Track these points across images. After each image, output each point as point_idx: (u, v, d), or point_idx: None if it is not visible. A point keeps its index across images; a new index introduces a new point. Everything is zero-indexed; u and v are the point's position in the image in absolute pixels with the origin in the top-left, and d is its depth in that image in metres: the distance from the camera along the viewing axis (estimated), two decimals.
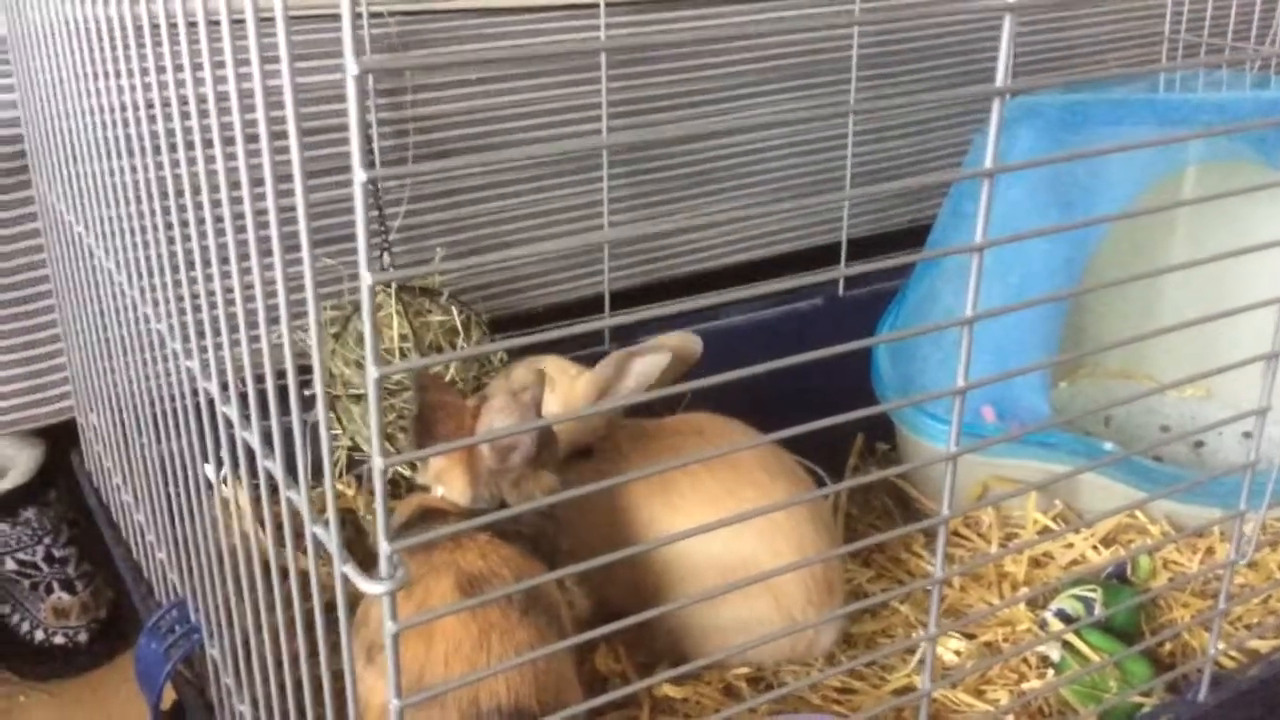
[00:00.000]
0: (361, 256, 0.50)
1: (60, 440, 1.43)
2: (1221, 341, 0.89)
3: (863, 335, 0.72)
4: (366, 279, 0.49)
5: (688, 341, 1.22)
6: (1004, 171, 0.64)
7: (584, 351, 1.44)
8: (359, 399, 1.33)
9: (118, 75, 0.82)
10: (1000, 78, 0.63)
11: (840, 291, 1.71)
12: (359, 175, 0.47)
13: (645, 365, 1.15)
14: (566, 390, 1.20)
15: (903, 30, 1.78)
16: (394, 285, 1.39)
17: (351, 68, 0.46)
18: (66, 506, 1.47)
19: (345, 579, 0.56)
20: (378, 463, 0.52)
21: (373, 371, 0.51)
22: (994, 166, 0.63)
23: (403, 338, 1.35)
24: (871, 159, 1.84)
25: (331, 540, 0.56)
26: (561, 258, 1.62)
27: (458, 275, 1.48)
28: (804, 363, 0.66)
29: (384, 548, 0.54)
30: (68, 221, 1.11)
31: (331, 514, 0.55)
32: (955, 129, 1.90)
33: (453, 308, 1.39)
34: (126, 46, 0.79)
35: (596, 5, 1.49)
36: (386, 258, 1.45)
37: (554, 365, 1.23)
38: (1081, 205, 1.40)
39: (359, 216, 0.49)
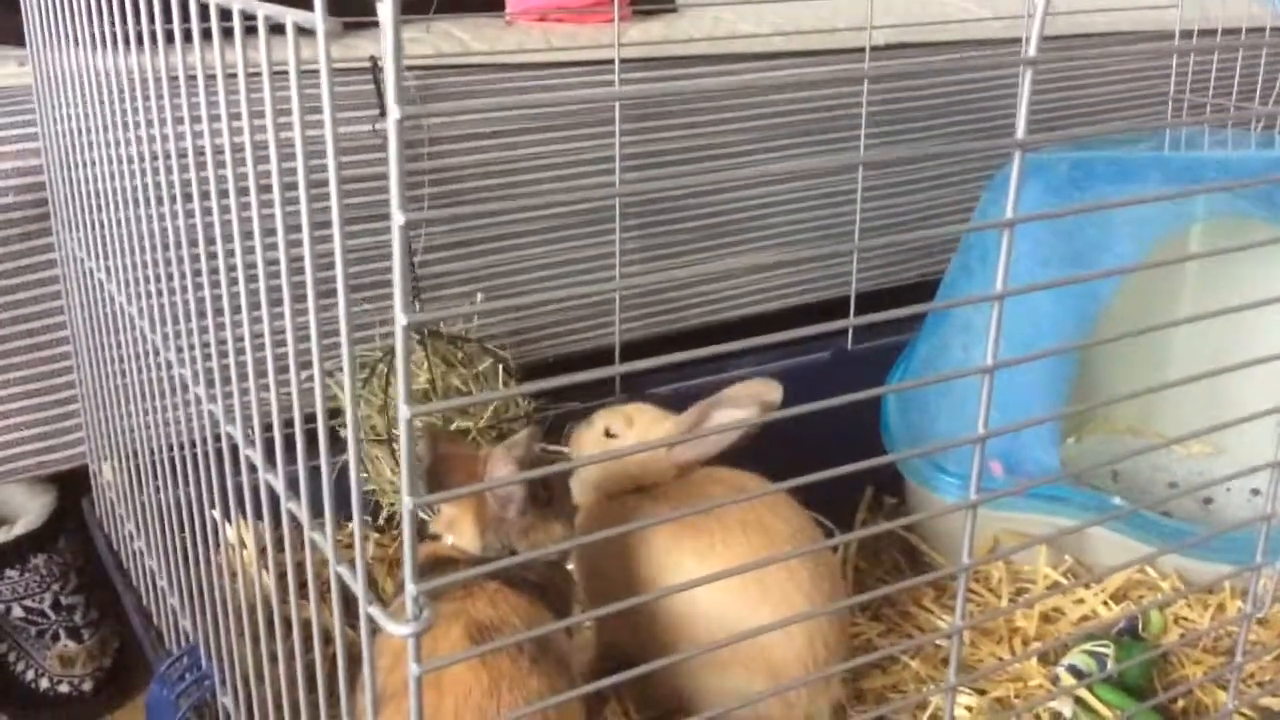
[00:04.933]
0: (398, 298, 0.51)
1: (71, 487, 1.43)
2: (1230, 403, 0.90)
3: (872, 389, 0.72)
4: (401, 320, 0.50)
5: (766, 389, 1.22)
6: (1024, 221, 0.64)
7: (595, 402, 1.44)
8: (381, 443, 1.33)
9: (147, 125, 0.84)
10: (1020, 130, 0.64)
11: (849, 345, 1.71)
12: (398, 218, 0.48)
13: (727, 416, 1.18)
14: (645, 436, 1.23)
15: (913, 87, 1.80)
16: (426, 331, 1.40)
17: (394, 113, 0.47)
18: (75, 554, 1.47)
19: (370, 621, 0.56)
20: (406, 502, 0.53)
21: (405, 411, 0.52)
22: (1014, 217, 0.64)
23: (429, 383, 1.36)
24: (880, 214, 1.85)
25: (357, 581, 0.56)
26: (574, 309, 1.63)
27: (473, 325, 1.49)
28: (812, 418, 0.66)
29: (410, 589, 0.54)
30: (89, 268, 1.12)
31: (359, 553, 0.56)
32: (962, 185, 1.91)
33: (485, 355, 1.41)
34: (159, 96, 0.80)
35: (611, 62, 1.51)
36: (417, 304, 1.46)
37: (641, 413, 1.25)
38: (1089, 263, 1.41)
39: (396, 259, 0.50)
